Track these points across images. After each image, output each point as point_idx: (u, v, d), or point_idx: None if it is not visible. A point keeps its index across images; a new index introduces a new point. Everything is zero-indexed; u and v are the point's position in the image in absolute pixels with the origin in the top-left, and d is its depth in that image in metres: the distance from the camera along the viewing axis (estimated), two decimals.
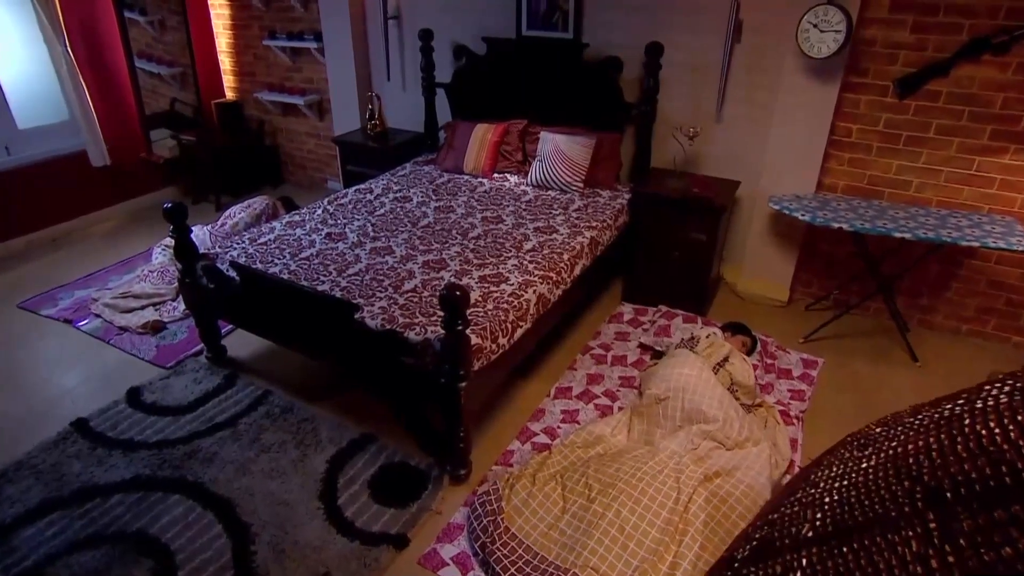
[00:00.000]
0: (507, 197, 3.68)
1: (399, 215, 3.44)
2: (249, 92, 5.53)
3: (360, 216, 3.43)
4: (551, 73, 3.89)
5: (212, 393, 3.07)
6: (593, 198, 3.64)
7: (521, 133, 4.01)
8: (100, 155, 4.78)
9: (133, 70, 4.93)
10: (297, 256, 2.98)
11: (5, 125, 4.42)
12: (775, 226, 3.65)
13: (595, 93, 3.78)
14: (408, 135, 4.58)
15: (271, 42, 5.00)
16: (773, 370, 3.20)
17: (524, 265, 2.88)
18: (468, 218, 3.39)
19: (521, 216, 3.41)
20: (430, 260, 2.92)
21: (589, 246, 3.18)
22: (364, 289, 2.68)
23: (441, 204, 3.57)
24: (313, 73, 5.08)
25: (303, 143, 5.51)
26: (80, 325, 3.63)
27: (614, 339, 3.46)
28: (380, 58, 4.62)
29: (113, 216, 5.08)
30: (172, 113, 5.42)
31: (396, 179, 3.98)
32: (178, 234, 2.92)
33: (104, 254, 4.51)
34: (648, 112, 3.64)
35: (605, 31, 3.74)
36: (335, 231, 3.24)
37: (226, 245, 3.12)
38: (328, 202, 3.62)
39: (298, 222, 3.37)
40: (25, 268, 4.33)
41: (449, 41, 4.26)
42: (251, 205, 4.32)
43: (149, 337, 3.51)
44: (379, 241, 3.13)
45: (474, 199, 3.65)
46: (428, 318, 2.46)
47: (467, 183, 3.90)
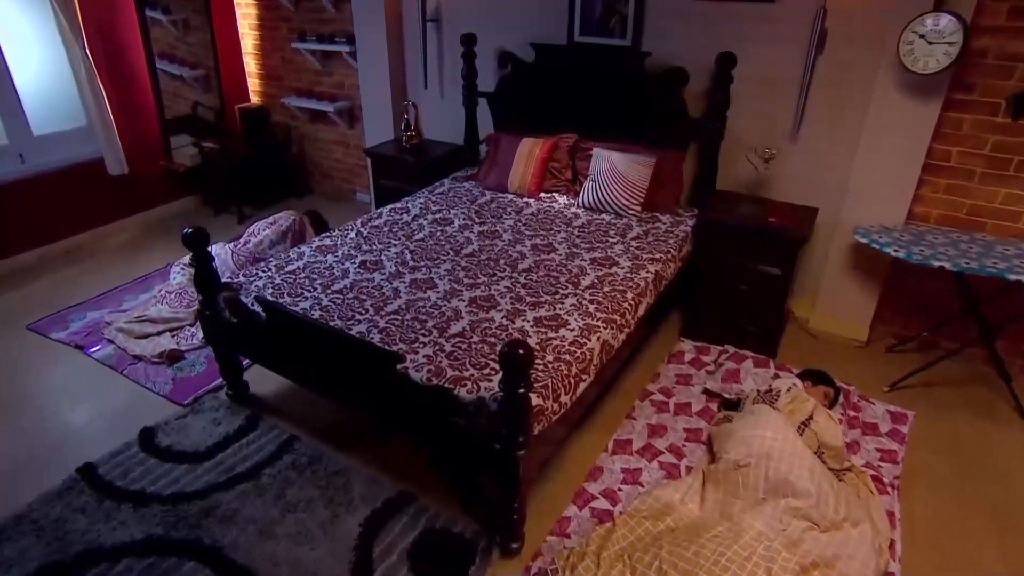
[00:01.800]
0: (557, 221, 3.40)
1: (440, 241, 3.17)
2: (275, 97, 5.31)
3: (397, 241, 3.17)
4: (606, 84, 3.61)
5: (232, 437, 2.83)
6: (653, 224, 3.35)
7: (571, 149, 3.74)
8: (117, 163, 4.58)
9: (154, 72, 4.74)
10: (329, 289, 2.73)
11: (20, 132, 4.24)
12: (856, 258, 3.33)
13: (656, 107, 3.49)
14: (446, 148, 4.32)
15: (300, 44, 4.77)
16: (857, 425, 2.88)
17: (584, 305, 2.60)
18: (516, 245, 3.12)
19: (575, 244, 3.13)
20: (477, 297, 2.65)
21: (654, 282, 2.90)
22: (405, 331, 2.42)
23: (485, 228, 3.30)
24: (344, 78, 4.85)
25: (331, 152, 5.29)
26: (92, 352, 3.42)
27: (675, 383, 3.16)
28: (417, 64, 4.37)
29: (130, 228, 4.89)
30: (194, 117, 5.23)
31: (434, 197, 3.72)
32: (198, 263, 2.68)
33: (119, 270, 4.31)
34: (716, 129, 3.35)
35: (667, 39, 3.45)
36: (370, 259, 2.99)
37: (250, 272, 2.88)
38: (361, 224, 3.37)
39: (329, 247, 3.12)
40: (37, 284, 4.14)
41: (493, 47, 4.00)
42: (276, 221, 4.09)
43: (165, 368, 3.29)
44: (419, 272, 2.86)
45: (521, 223, 3.38)
46: (480, 370, 2.19)
47: (512, 203, 3.63)
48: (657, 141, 3.52)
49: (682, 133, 3.49)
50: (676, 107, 3.44)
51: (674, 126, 3.48)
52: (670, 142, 3.50)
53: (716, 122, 3.33)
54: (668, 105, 3.46)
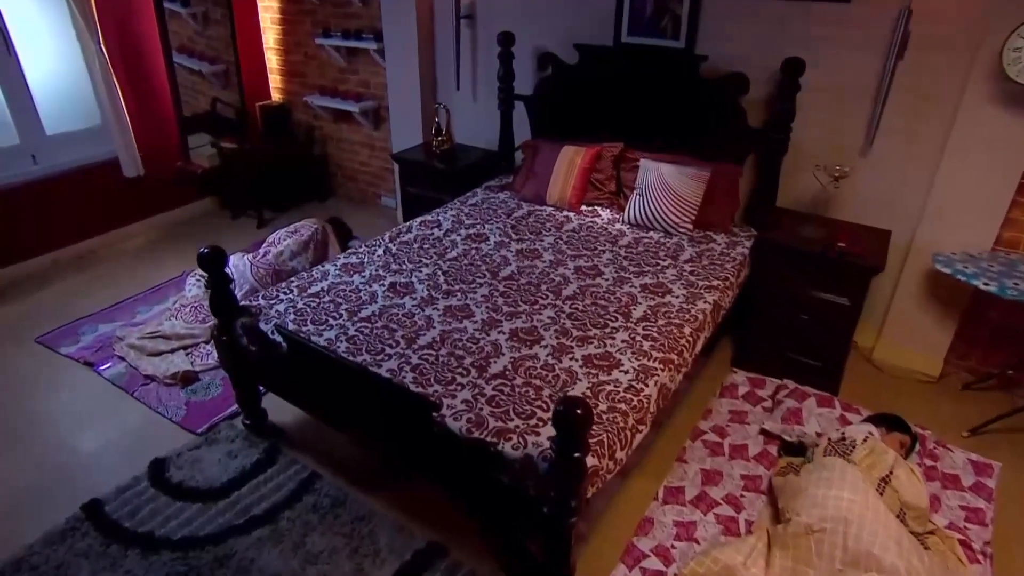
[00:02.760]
0: (601, 239, 3.17)
1: (475, 260, 2.96)
2: (298, 95, 5.13)
3: (428, 259, 2.97)
4: (656, 89, 3.37)
5: (249, 472, 2.65)
6: (706, 244, 3.11)
7: (616, 159, 3.50)
8: (133, 164, 4.43)
9: (172, 68, 4.57)
10: (356, 316, 2.53)
11: (32, 131, 4.10)
12: (931, 286, 3.06)
13: (711, 115, 3.24)
14: (479, 154, 4.10)
15: (324, 40, 4.58)
16: (936, 476, 2.63)
17: (637, 342, 2.38)
18: (558, 268, 2.89)
19: (622, 267, 2.90)
20: (519, 329, 2.44)
21: (712, 314, 2.66)
22: (441, 369, 2.21)
23: (524, 247, 3.08)
24: (370, 77, 4.64)
25: (356, 154, 5.09)
26: (102, 370, 3.26)
27: (729, 420, 2.92)
28: (449, 63, 4.15)
29: (144, 232, 4.74)
30: (212, 115, 5.06)
31: (466, 209, 3.50)
32: (215, 284, 2.50)
33: (133, 277, 4.16)
34: (779, 142, 3.09)
35: (725, 41, 3.20)
36: (400, 280, 2.79)
37: (270, 295, 2.69)
38: (390, 239, 3.16)
39: (355, 265, 2.92)
40: (48, 291, 4.00)
41: (532, 47, 3.77)
42: (298, 230, 3.90)
43: (178, 390, 3.12)
44: (454, 297, 2.65)
45: (562, 240, 3.15)
46: (526, 420, 1.97)
47: (551, 218, 3.41)
48: (712, 153, 3.27)
49: (740, 145, 3.23)
50: (734, 116, 3.18)
51: (731, 137, 3.23)
52: (726, 154, 3.25)
53: (779, 134, 3.07)
54: (725, 114, 3.20)
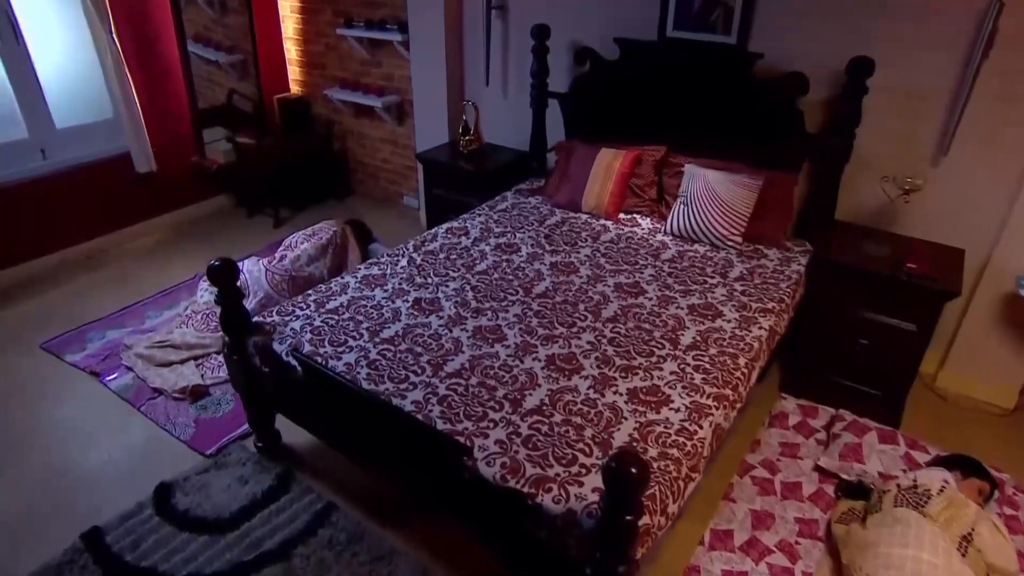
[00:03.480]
0: (642, 251, 2.97)
1: (506, 274, 2.77)
2: (317, 88, 4.96)
3: (456, 272, 2.78)
4: (703, 88, 3.14)
5: (261, 501, 2.49)
6: (757, 260, 2.89)
7: (657, 164, 3.29)
8: (145, 159, 4.29)
9: (186, 59, 4.42)
10: (378, 336, 2.36)
11: (42, 125, 3.98)
12: (1009, 311, 2.82)
13: (765, 119, 3.02)
14: (509, 155, 3.91)
15: (346, 31, 4.39)
16: (1019, 529, 2.40)
17: (687, 374, 2.17)
18: (597, 284, 2.69)
19: (667, 285, 2.69)
20: (556, 356, 2.25)
21: (767, 341, 2.45)
22: (471, 401, 2.03)
23: (558, 260, 2.89)
24: (394, 70, 4.45)
25: (377, 150, 4.92)
26: (108, 380, 3.13)
27: (780, 454, 2.71)
28: (478, 57, 3.95)
29: (157, 229, 4.61)
30: (229, 108, 4.91)
31: (496, 215, 3.31)
32: (225, 300, 2.33)
33: (144, 278, 4.03)
34: (840, 149, 2.85)
35: (782, 38, 2.97)
36: (425, 296, 2.60)
37: (286, 309, 2.52)
38: (414, 248, 2.98)
39: (377, 278, 2.74)
40: (55, 292, 3.88)
41: (568, 41, 3.56)
42: (316, 234, 3.74)
43: (187, 405, 2.97)
44: (483, 316, 2.47)
45: (599, 253, 2.95)
46: (567, 467, 1.79)
47: (587, 226, 3.20)
48: (764, 159, 3.04)
49: (796, 151, 3.00)
50: (790, 120, 2.95)
51: (787, 142, 3.00)
52: (780, 161, 3.02)
53: (841, 140, 2.83)
54: (780, 117, 2.97)
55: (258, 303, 3.38)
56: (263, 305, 3.39)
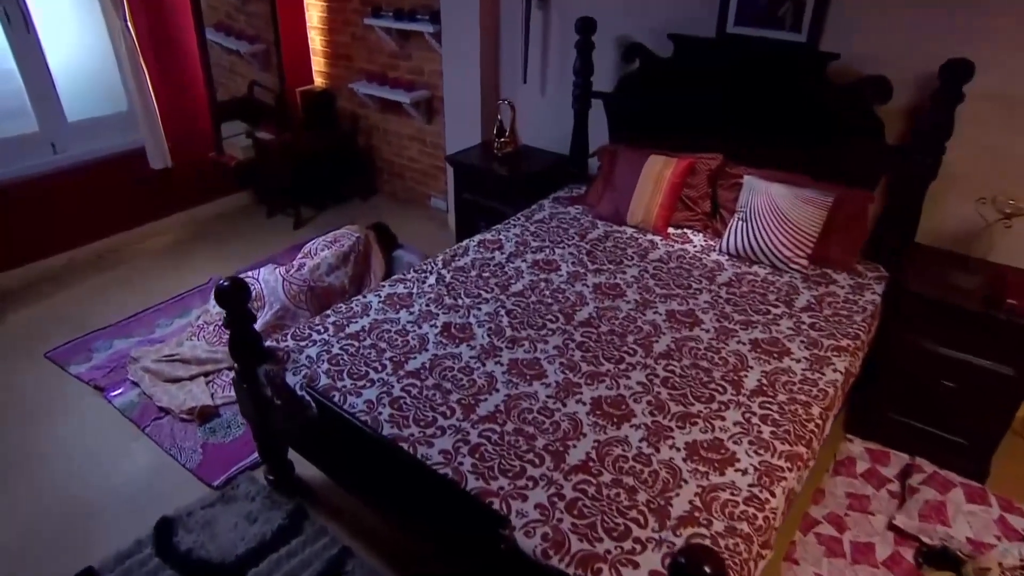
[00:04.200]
0: (695, 273, 2.72)
1: (544, 296, 2.54)
2: (343, 80, 4.76)
3: (489, 294, 2.56)
4: (767, 91, 2.88)
5: (270, 543, 2.30)
6: (826, 287, 2.63)
7: (712, 174, 3.03)
8: (160, 155, 4.13)
9: (205, 49, 4.25)
10: (403, 368, 2.15)
11: (53, 118, 3.83)
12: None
13: (839, 127, 2.74)
14: (546, 159, 3.67)
15: (374, 21, 4.18)
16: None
17: (753, 425, 1.93)
18: (647, 311, 2.45)
19: (725, 314, 2.44)
20: (603, 399, 2.02)
21: (843, 385, 2.19)
22: (507, 452, 1.81)
23: (602, 281, 2.65)
24: (424, 63, 4.23)
25: (404, 148, 4.71)
26: (112, 396, 2.97)
27: (848, 507, 2.44)
28: (515, 52, 3.71)
29: (171, 228, 4.46)
30: (249, 100, 4.75)
31: (532, 226, 3.08)
32: (234, 324, 2.14)
33: (156, 281, 3.88)
34: (926, 164, 2.57)
35: (861, 36, 2.68)
36: (456, 321, 2.39)
37: (301, 332, 2.32)
38: (443, 264, 2.77)
39: (403, 297, 2.53)
40: (63, 295, 3.75)
41: (616, 36, 3.31)
42: (337, 240, 3.54)
43: (195, 427, 2.80)
44: (520, 348, 2.24)
45: (648, 273, 2.71)
46: (619, 540, 1.56)
47: (633, 242, 2.96)
48: (835, 172, 2.77)
49: (874, 165, 2.72)
50: (868, 130, 2.67)
51: (863, 155, 2.72)
52: (854, 175, 2.75)
53: (928, 154, 2.55)
54: (856, 126, 2.70)
55: (274, 315, 3.20)
56: (279, 317, 3.21)
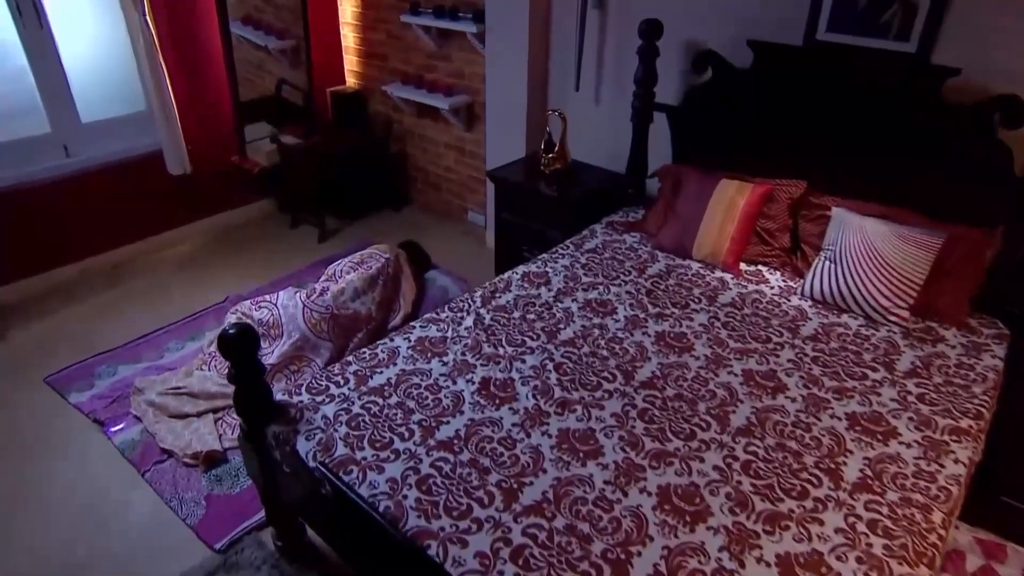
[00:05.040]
0: (774, 323, 2.39)
1: (599, 347, 2.24)
2: (376, 82, 4.51)
3: (534, 341, 2.27)
4: (864, 109, 2.53)
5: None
6: (932, 345, 2.28)
7: (794, 203, 2.69)
8: (179, 160, 3.93)
9: (229, 45, 4.03)
10: (433, 435, 1.87)
11: (65, 118, 3.66)
12: None
13: (952, 154, 2.39)
14: (599, 176, 3.36)
15: (412, 18, 3.92)
16: None
17: (859, 535, 1.60)
18: (719, 370, 2.14)
19: (814, 378, 2.11)
20: (672, 488, 1.71)
21: (966, 480, 1.85)
22: (556, 558, 1.52)
23: (666, 329, 2.34)
24: (465, 65, 3.96)
25: (441, 157, 4.44)
26: (113, 432, 2.77)
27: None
28: (567, 57, 3.41)
29: (189, 237, 4.26)
30: (276, 100, 4.53)
31: (584, 257, 2.78)
32: (240, 378, 1.89)
33: (170, 297, 3.69)
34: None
35: (984, 47, 2.32)
36: (496, 376, 2.10)
37: (319, 383, 2.06)
38: (482, 302, 2.48)
39: (435, 343, 2.26)
40: (71, 310, 3.56)
41: (684, 41, 2.99)
42: (364, 262, 3.29)
43: (199, 474, 2.57)
44: (572, 414, 1.95)
45: (718, 321, 2.39)
46: None
47: (700, 280, 2.64)
48: (948, 208, 2.41)
49: (997, 201, 2.35)
50: (992, 159, 2.31)
51: (983, 188, 2.36)
52: (971, 212, 2.39)
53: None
54: (977, 154, 2.34)
55: (292, 346, 2.96)
56: (297, 348, 2.97)
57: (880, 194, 2.53)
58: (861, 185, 2.58)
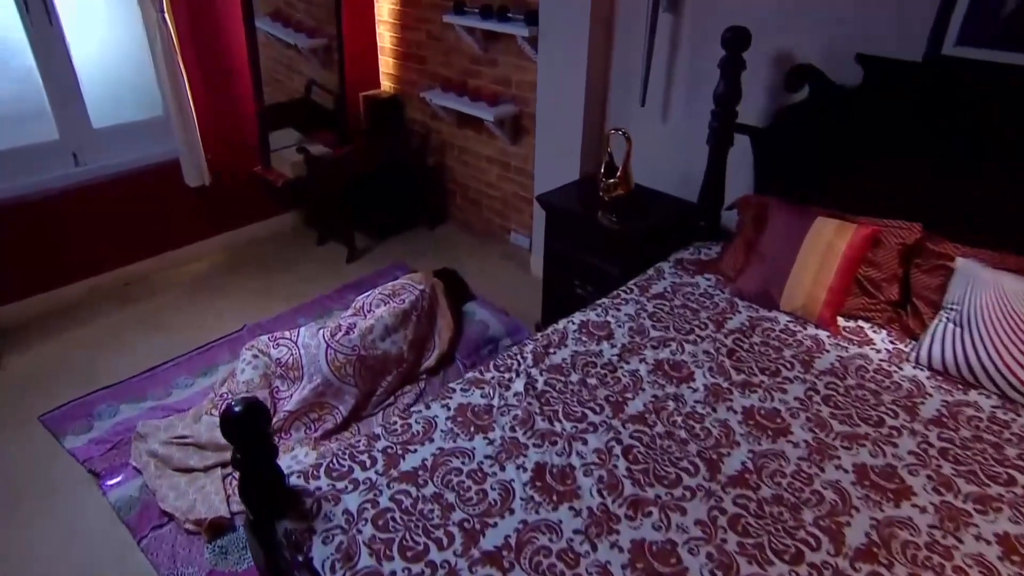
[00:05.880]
0: (887, 399, 2.03)
1: (674, 427, 1.91)
2: (413, 86, 4.23)
3: (597, 415, 1.95)
4: (1003, 140, 2.16)
5: None
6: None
7: (906, 250, 2.32)
8: (197, 171, 3.69)
9: (254, 44, 3.76)
10: (477, 542, 1.56)
11: (76, 123, 3.45)
12: None
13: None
14: (666, 205, 3.02)
15: (456, 19, 3.62)
16: None
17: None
18: (824, 465, 1.79)
19: (944, 479, 1.75)
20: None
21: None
22: None
23: (755, 404, 2.00)
24: (513, 72, 3.64)
25: (482, 172, 4.13)
26: (109, 487, 2.52)
27: None
28: (633, 67, 3.07)
29: (207, 253, 4.03)
30: (305, 103, 4.28)
31: (650, 304, 2.45)
32: (245, 466, 1.60)
33: (183, 321, 3.47)
34: None
35: None
36: (553, 461, 1.78)
37: (340, 463, 1.76)
38: (533, 360, 2.17)
39: (480, 413, 1.95)
40: (76, 334, 3.36)
41: (774, 53, 2.64)
42: (396, 295, 3.00)
43: (202, 543, 2.30)
44: (647, 518, 1.62)
45: (817, 395, 2.04)
46: None
47: (790, 338, 2.29)
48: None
49: None
50: None
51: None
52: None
53: None
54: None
55: (313, 391, 2.68)
56: (319, 394, 2.69)
57: (1019, 245, 2.15)
58: (994, 232, 2.20)
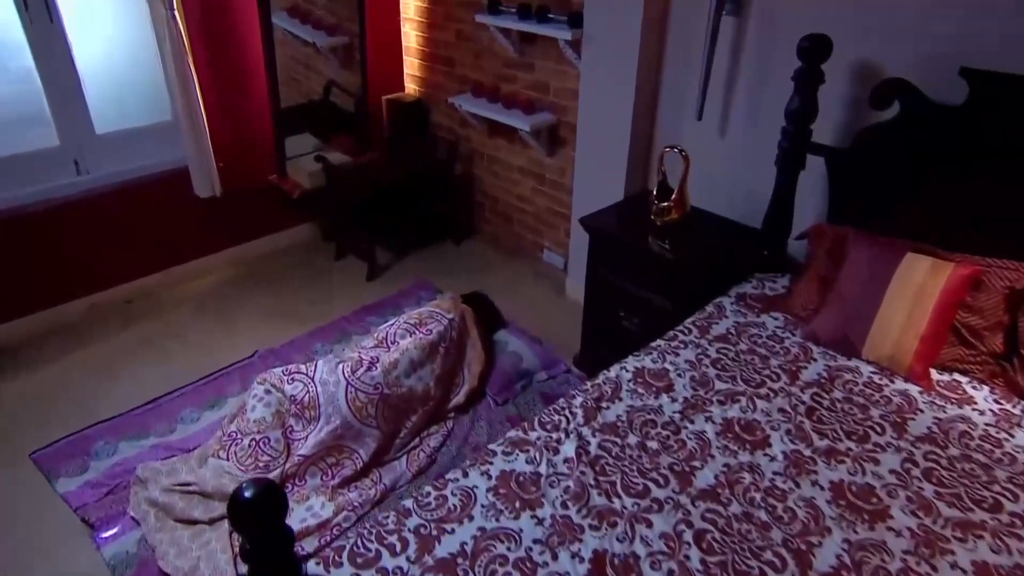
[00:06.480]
0: (999, 475, 1.77)
1: (753, 508, 1.66)
2: (441, 90, 4.01)
3: (660, 488, 1.71)
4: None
5: None
6: None
7: (1015, 295, 2.07)
8: (207, 181, 3.50)
9: (270, 43, 3.56)
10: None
11: (78, 129, 3.27)
12: None
13: None
14: (724, 230, 2.77)
15: (490, 18, 3.38)
16: None
17: None
18: (935, 559, 1.54)
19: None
20: None
21: None
22: None
23: (843, 479, 1.75)
24: (551, 78, 3.40)
25: (514, 184, 3.89)
26: (103, 540, 2.31)
27: None
28: (689, 77, 2.82)
29: (216, 268, 3.83)
30: (324, 105, 4.07)
31: (713, 349, 2.21)
32: (257, 554, 1.38)
33: (188, 344, 3.27)
34: None
35: None
36: (613, 550, 1.54)
37: (365, 546, 1.54)
38: (584, 418, 1.93)
39: (525, 483, 1.72)
40: (72, 358, 3.17)
41: (855, 64, 2.38)
42: (423, 324, 2.78)
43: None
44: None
45: (914, 465, 1.79)
46: None
47: (875, 394, 2.04)
48: None
49: None
50: None
51: None
52: None
53: None
54: None
55: (330, 434, 2.47)
56: (337, 437, 2.48)
57: None
58: None
